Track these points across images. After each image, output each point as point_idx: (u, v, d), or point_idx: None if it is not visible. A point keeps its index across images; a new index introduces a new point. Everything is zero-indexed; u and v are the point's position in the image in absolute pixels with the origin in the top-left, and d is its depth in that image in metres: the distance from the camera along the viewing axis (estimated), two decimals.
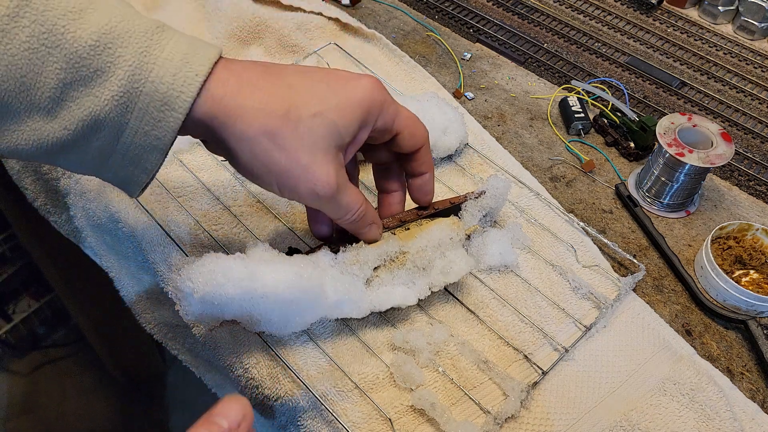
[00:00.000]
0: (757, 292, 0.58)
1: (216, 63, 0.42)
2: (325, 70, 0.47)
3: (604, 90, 0.76)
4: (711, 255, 0.58)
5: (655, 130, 0.63)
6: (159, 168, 0.43)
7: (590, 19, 0.89)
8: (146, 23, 0.41)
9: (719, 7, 0.87)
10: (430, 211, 0.55)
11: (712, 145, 0.61)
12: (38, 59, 0.38)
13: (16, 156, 0.41)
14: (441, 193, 0.64)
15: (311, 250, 0.53)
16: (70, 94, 0.39)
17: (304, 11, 0.80)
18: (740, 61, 0.84)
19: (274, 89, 0.43)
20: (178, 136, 0.43)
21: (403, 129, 0.49)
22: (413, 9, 0.88)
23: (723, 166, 0.69)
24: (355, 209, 0.48)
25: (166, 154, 0.42)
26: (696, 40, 0.86)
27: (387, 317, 0.54)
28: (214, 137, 0.44)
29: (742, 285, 0.57)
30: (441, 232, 0.52)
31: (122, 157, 0.42)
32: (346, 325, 0.54)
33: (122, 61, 0.39)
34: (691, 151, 0.61)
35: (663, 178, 0.63)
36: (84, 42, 0.38)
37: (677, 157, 0.60)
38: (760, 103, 0.78)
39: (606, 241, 0.60)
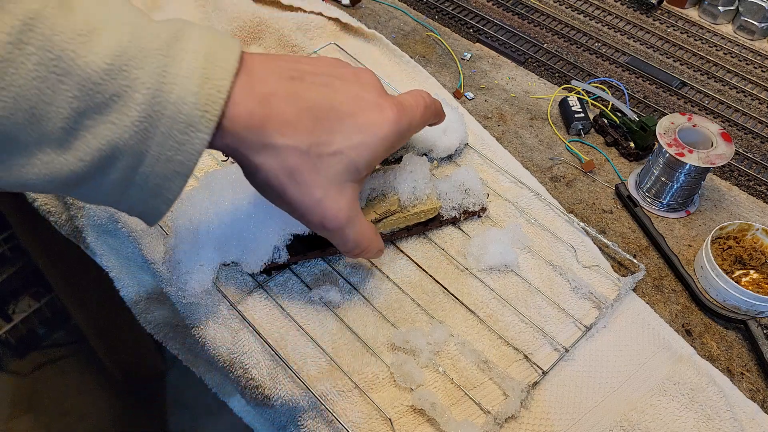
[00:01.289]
0: (757, 292, 0.58)
1: (237, 71, 0.40)
2: (353, 94, 0.45)
3: (604, 90, 0.76)
4: (711, 255, 0.58)
5: (655, 130, 0.63)
6: (179, 195, 0.42)
7: (590, 19, 0.89)
8: (159, 37, 0.38)
9: (719, 7, 0.87)
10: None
11: (712, 145, 0.61)
12: (48, 88, 0.35)
13: (25, 189, 0.39)
14: None
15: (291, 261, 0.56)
16: (85, 123, 0.36)
17: (304, 11, 0.80)
18: (740, 61, 0.84)
19: (300, 123, 0.42)
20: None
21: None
22: (413, 9, 0.88)
23: (723, 166, 0.69)
24: (363, 245, 0.48)
25: (188, 178, 0.40)
26: (696, 40, 0.86)
27: (387, 317, 0.54)
28: (233, 157, 0.43)
29: (742, 285, 0.57)
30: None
31: (141, 188, 0.40)
32: (346, 325, 0.54)
33: (139, 84, 0.37)
34: (691, 151, 0.61)
35: (663, 178, 0.63)
36: (97, 66, 0.36)
37: (677, 157, 0.60)
38: (760, 103, 0.78)
39: (606, 241, 0.60)
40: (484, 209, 0.61)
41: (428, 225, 0.59)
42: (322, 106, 0.43)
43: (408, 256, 0.58)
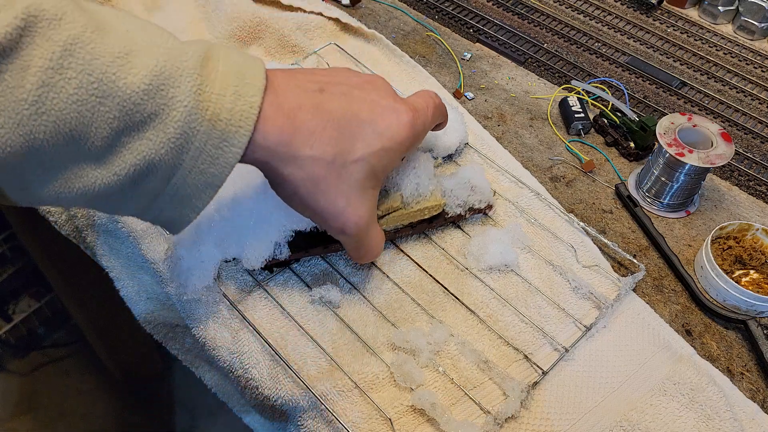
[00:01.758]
0: (757, 292, 0.58)
1: (265, 88, 0.41)
2: (370, 100, 0.46)
3: (604, 90, 0.76)
4: (711, 255, 0.58)
5: (655, 130, 0.63)
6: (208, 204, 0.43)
7: (590, 19, 0.89)
8: (191, 57, 0.39)
9: (719, 7, 0.87)
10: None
11: (712, 145, 0.61)
12: (88, 111, 0.36)
13: (55, 204, 0.40)
14: None
15: (290, 259, 0.55)
16: (122, 140, 0.38)
17: (304, 11, 0.80)
18: (740, 61, 0.84)
19: (325, 134, 0.43)
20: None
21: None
22: (413, 9, 0.88)
23: (723, 166, 0.69)
24: (373, 252, 0.50)
25: (219, 189, 0.41)
26: (696, 40, 0.86)
27: (387, 316, 0.54)
28: (261, 170, 0.44)
29: (742, 285, 0.57)
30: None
31: (170, 197, 0.41)
32: (347, 325, 0.54)
33: (176, 102, 0.38)
34: (691, 151, 0.61)
35: (663, 178, 0.63)
36: (136, 87, 0.37)
37: (677, 157, 0.60)
38: (760, 103, 0.78)
39: (606, 241, 0.60)
40: (490, 206, 0.60)
41: (432, 222, 0.59)
42: (343, 115, 0.44)
43: (408, 256, 0.58)
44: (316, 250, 0.56)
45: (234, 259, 0.55)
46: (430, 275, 0.57)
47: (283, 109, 0.42)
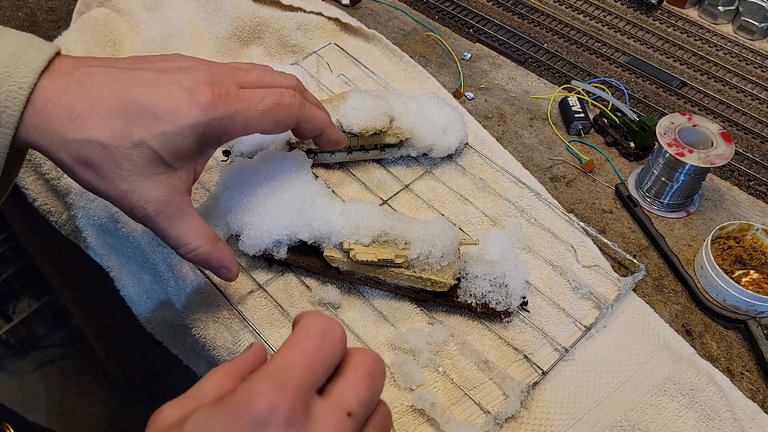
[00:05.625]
0: (757, 292, 0.58)
1: (45, 70, 0.42)
2: (158, 82, 0.44)
3: (604, 90, 0.76)
4: (711, 255, 0.58)
5: (655, 130, 0.63)
6: None
7: (590, 19, 0.89)
8: None
9: (719, 7, 0.87)
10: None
11: (712, 145, 0.62)
12: None
13: None
14: (442, 194, 0.64)
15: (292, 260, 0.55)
16: None
17: (304, 11, 0.80)
18: (740, 61, 0.84)
19: (94, 116, 0.42)
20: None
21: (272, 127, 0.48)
22: (413, 9, 0.88)
23: (723, 166, 0.69)
24: (188, 246, 0.47)
25: (1, 167, 0.42)
26: (696, 40, 0.86)
27: (387, 317, 0.54)
28: (44, 153, 0.44)
29: (742, 285, 0.57)
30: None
31: None
32: (347, 326, 0.54)
33: None
34: (691, 151, 0.61)
35: (663, 178, 0.63)
36: None
37: (677, 157, 0.60)
38: (760, 103, 0.78)
39: (606, 241, 0.60)
40: (508, 313, 0.54)
41: (439, 299, 0.54)
42: (119, 99, 0.43)
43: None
44: (314, 265, 0.55)
45: (238, 236, 0.55)
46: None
47: (55, 91, 0.42)
